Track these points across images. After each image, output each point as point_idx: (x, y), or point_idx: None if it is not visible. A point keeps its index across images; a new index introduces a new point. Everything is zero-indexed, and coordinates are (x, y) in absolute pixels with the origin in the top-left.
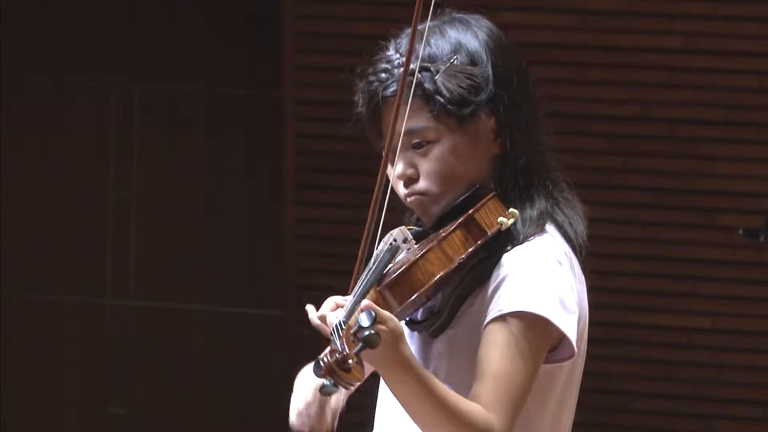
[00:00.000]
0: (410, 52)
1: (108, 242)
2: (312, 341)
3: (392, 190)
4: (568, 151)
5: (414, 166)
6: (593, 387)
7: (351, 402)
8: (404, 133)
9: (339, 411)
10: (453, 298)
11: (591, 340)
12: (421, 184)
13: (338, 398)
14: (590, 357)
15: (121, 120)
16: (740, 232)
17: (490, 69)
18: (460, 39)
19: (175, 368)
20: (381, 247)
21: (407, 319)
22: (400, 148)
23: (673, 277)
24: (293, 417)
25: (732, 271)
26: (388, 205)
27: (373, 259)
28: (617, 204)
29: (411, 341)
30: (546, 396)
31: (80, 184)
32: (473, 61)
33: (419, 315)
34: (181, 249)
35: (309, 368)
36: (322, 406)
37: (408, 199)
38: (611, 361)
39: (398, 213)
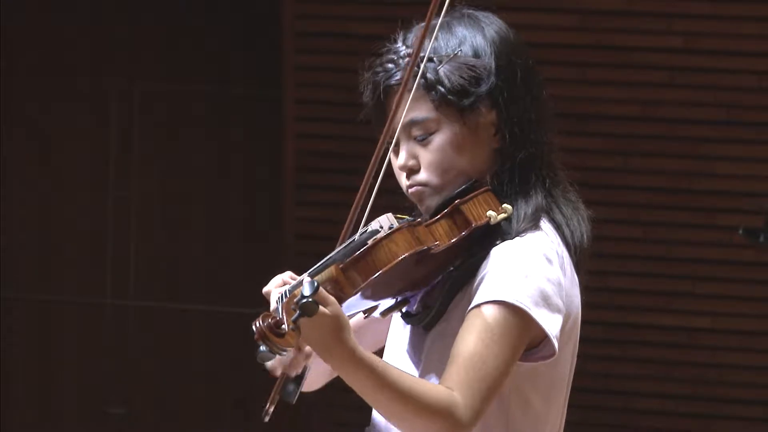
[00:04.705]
0: (421, 40)
1: (108, 242)
2: None
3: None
4: (568, 151)
5: (415, 157)
6: (593, 387)
7: (350, 402)
8: (407, 123)
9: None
10: (444, 292)
11: (591, 340)
12: (422, 175)
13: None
14: (590, 357)
15: (121, 120)
16: (740, 232)
17: (493, 62)
18: (466, 34)
19: (175, 368)
20: (361, 230)
21: (404, 311)
22: (403, 139)
23: (673, 277)
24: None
25: (732, 271)
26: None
27: (347, 242)
28: (617, 204)
29: (405, 334)
30: (528, 394)
31: (80, 183)
32: (477, 54)
33: (414, 308)
34: (181, 249)
35: None
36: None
37: (410, 190)
38: (611, 361)
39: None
